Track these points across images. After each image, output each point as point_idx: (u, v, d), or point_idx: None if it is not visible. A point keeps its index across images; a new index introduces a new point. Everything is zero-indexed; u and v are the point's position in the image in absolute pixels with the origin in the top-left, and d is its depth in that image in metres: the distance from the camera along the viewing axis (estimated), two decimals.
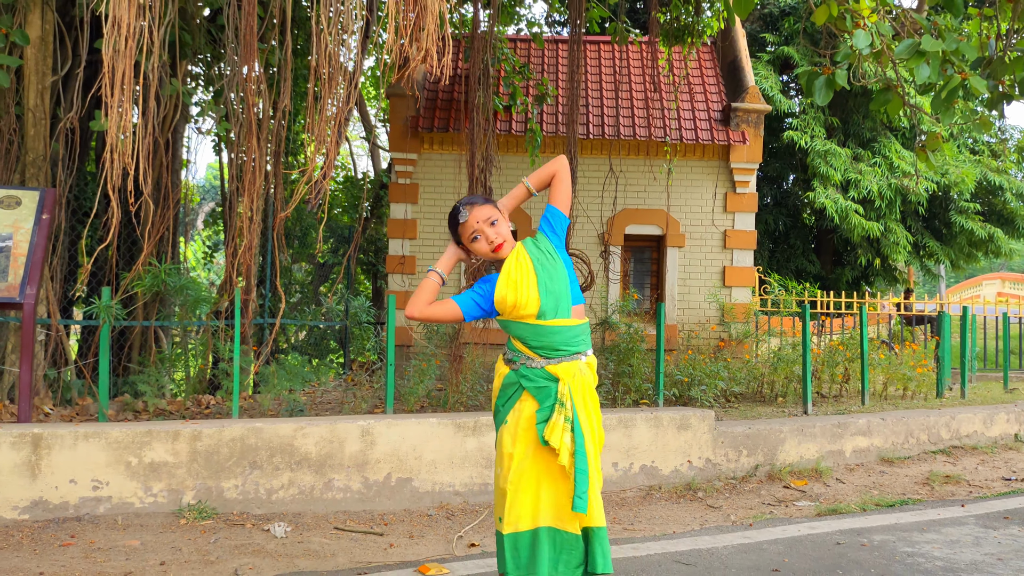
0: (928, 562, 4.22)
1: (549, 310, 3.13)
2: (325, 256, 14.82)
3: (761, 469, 6.41)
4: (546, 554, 3.03)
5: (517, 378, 3.18)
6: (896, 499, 5.72)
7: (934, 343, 10.94)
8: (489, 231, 3.21)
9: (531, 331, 3.15)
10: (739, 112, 12.06)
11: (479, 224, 3.20)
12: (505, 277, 3.18)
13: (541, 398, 3.11)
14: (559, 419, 3.03)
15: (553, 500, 3.07)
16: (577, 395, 3.09)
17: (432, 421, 5.53)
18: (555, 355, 3.13)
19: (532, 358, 3.15)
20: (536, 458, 3.08)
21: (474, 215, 3.21)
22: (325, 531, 4.89)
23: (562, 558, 3.05)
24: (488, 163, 8.42)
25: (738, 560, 4.22)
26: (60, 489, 4.86)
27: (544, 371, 3.13)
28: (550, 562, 3.04)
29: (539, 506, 3.06)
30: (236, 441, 5.14)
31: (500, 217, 3.24)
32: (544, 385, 3.11)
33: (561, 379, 3.09)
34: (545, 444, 3.04)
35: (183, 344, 9.02)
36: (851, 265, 19.87)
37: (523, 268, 3.18)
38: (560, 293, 3.16)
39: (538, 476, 3.08)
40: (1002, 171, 19.13)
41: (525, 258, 3.20)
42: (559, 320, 3.14)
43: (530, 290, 3.14)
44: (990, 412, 7.90)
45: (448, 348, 7.92)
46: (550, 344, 3.13)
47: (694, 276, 12.14)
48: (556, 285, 3.16)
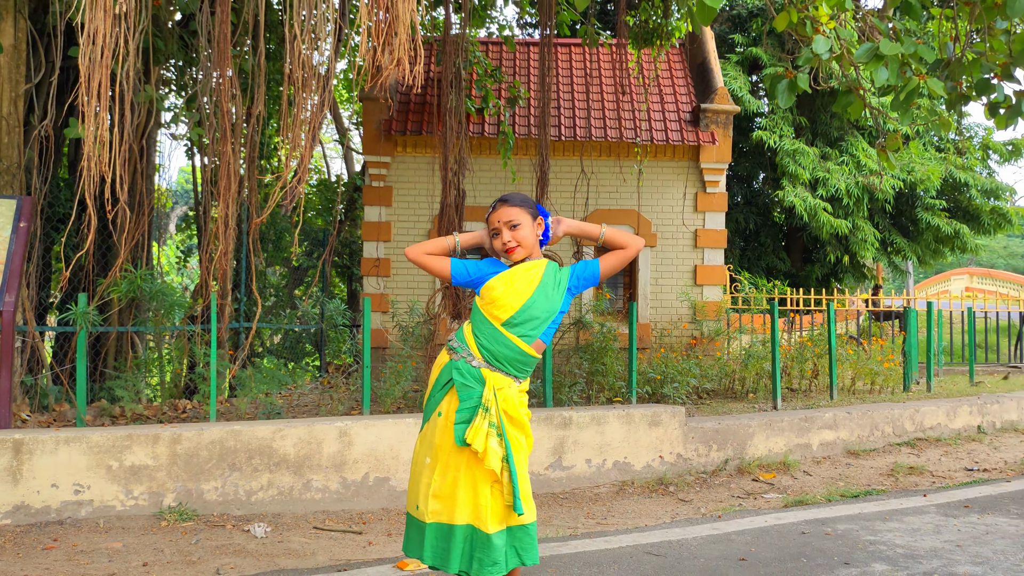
0: (889, 549, 4.38)
1: (517, 324, 3.21)
2: (300, 260, 14.86)
3: (731, 463, 6.56)
4: (460, 550, 3.11)
5: (451, 372, 3.24)
6: (861, 490, 5.90)
7: (901, 338, 11.15)
8: (506, 233, 3.27)
9: (491, 332, 3.22)
10: (708, 113, 12.25)
11: (500, 223, 3.28)
12: (510, 274, 3.27)
13: (462, 396, 3.18)
14: (483, 423, 3.10)
15: (473, 499, 3.13)
16: (501, 407, 3.17)
17: (409, 421, 5.64)
18: (497, 366, 3.21)
19: (474, 356, 3.22)
20: (459, 455, 3.15)
21: (499, 213, 3.29)
22: (304, 531, 4.98)
23: (476, 556, 3.10)
24: (461, 166, 8.53)
25: (707, 550, 4.36)
26: (42, 493, 4.92)
27: (478, 372, 3.20)
28: (464, 557, 3.11)
29: (461, 503, 3.12)
30: (215, 444, 5.22)
31: (525, 223, 3.28)
32: (470, 385, 3.19)
33: (488, 386, 3.17)
34: (463, 445, 3.11)
35: (159, 349, 9.06)
36: (820, 262, 20.13)
37: (529, 281, 3.26)
38: (536, 321, 3.23)
39: (462, 473, 3.14)
40: (967, 168, 19.47)
41: (538, 276, 3.28)
42: (518, 339, 3.21)
43: (518, 299, 3.22)
44: (953, 405, 8.11)
45: (424, 350, 8.02)
46: (497, 352, 3.20)
47: (666, 275, 12.31)
48: (539, 313, 3.23)
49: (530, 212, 3.32)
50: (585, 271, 3.37)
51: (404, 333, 8.01)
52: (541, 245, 3.40)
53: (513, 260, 3.31)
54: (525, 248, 3.29)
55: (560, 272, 3.34)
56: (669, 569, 4.02)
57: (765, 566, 4.07)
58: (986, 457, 7.22)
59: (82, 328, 5.93)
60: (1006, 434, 8.30)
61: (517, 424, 3.22)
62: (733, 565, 4.09)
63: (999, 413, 8.52)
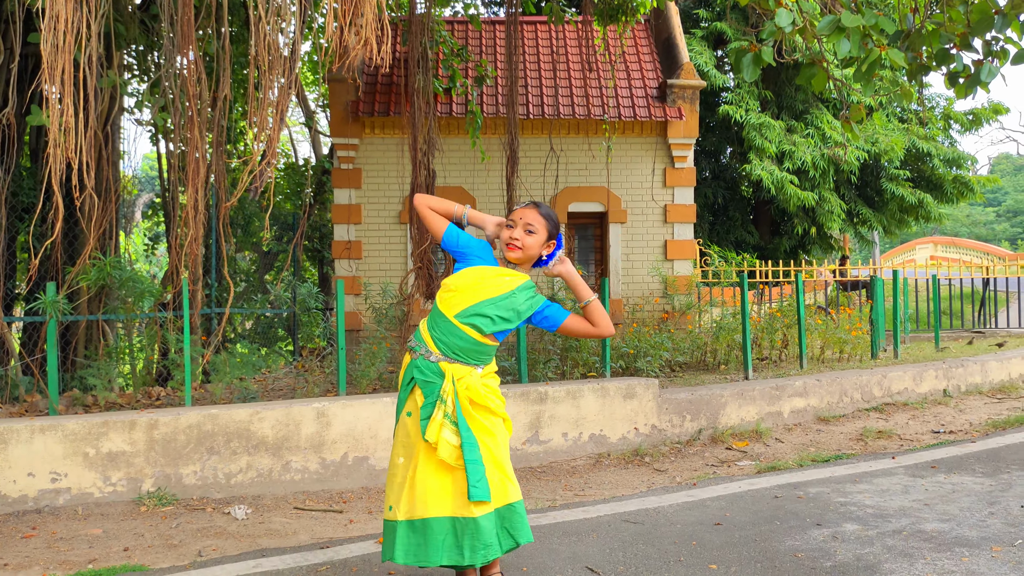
0: (860, 510, 4.49)
1: (469, 316, 3.23)
2: (269, 244, 14.78)
3: (704, 433, 6.67)
4: (442, 542, 3.14)
5: (413, 372, 3.29)
6: (831, 455, 6.02)
7: (868, 307, 11.33)
8: (519, 231, 3.28)
9: (445, 325, 3.26)
10: (675, 88, 12.30)
11: (519, 220, 3.29)
12: (484, 271, 3.28)
13: (426, 392, 3.23)
14: (438, 415, 3.15)
15: (452, 489, 3.16)
16: (462, 395, 3.20)
17: (387, 400, 5.67)
18: (454, 357, 3.24)
19: (431, 351, 3.26)
20: (431, 449, 3.18)
21: (526, 212, 3.31)
22: (285, 511, 5.01)
23: (466, 543, 3.14)
24: (431, 146, 8.52)
25: (683, 516, 4.45)
26: (18, 483, 4.91)
27: (436, 367, 3.24)
28: (450, 548, 3.15)
29: (436, 496, 3.16)
30: (193, 428, 5.23)
31: (540, 235, 3.30)
32: (431, 380, 3.23)
33: (447, 378, 3.21)
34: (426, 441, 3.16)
35: (130, 337, 9.01)
36: (788, 235, 20.34)
37: (500, 285, 3.27)
38: (487, 320, 3.23)
39: (434, 468, 3.17)
40: (929, 138, 19.72)
41: (511, 285, 3.28)
42: (470, 329, 3.23)
43: (474, 297, 3.23)
44: (919, 370, 8.28)
45: (398, 331, 8.04)
46: (452, 345, 3.23)
47: (637, 251, 12.40)
48: (492, 315, 3.23)
49: (550, 230, 3.34)
50: (548, 314, 3.36)
51: (377, 315, 8.02)
52: (535, 265, 3.41)
53: (508, 259, 3.33)
54: (525, 255, 3.31)
55: (532, 298, 3.34)
56: (647, 535, 4.10)
57: (740, 529, 4.16)
58: (952, 419, 7.38)
59: (51, 317, 5.89)
60: (971, 397, 8.49)
61: (483, 409, 3.25)
62: (709, 529, 4.18)
63: (964, 377, 8.70)
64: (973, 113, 20.30)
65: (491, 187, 11.85)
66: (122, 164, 12.00)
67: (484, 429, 3.22)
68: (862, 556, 3.70)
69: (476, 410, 3.23)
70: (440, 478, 3.17)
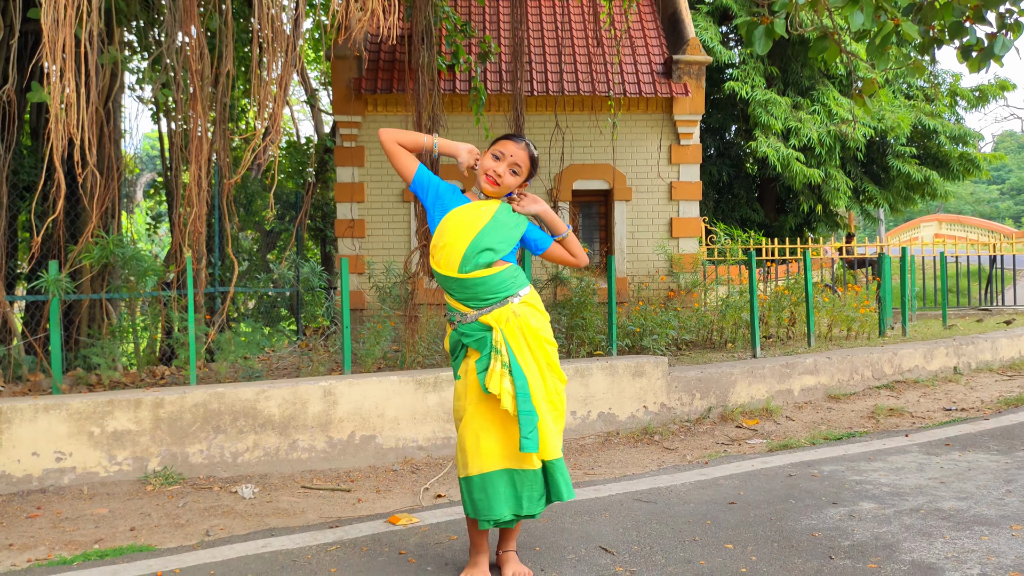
0: (875, 488, 4.43)
1: (471, 260, 3.18)
2: (272, 224, 14.69)
3: (714, 411, 6.61)
4: (502, 494, 3.15)
5: (458, 336, 3.28)
6: (843, 433, 5.97)
7: (875, 285, 11.24)
8: (504, 167, 3.24)
9: (456, 284, 3.22)
10: (681, 64, 12.17)
11: (508, 156, 3.24)
12: (457, 212, 3.24)
13: (479, 348, 3.21)
14: (495, 365, 3.13)
15: (507, 442, 3.16)
16: (512, 338, 3.18)
17: (393, 379, 5.61)
18: (483, 304, 3.20)
19: (464, 312, 3.24)
20: (484, 406, 3.18)
21: (511, 147, 3.25)
22: (293, 490, 4.96)
23: (524, 494, 3.17)
24: (435, 123, 8.42)
25: (696, 495, 4.40)
26: (23, 462, 4.85)
27: (478, 323, 3.22)
28: (510, 500, 3.16)
29: (493, 450, 3.16)
30: (199, 407, 5.17)
31: (521, 173, 3.27)
32: (480, 336, 3.21)
33: (493, 327, 3.19)
34: (488, 392, 3.14)
35: (133, 316, 8.95)
36: (794, 212, 20.23)
37: (478, 217, 3.23)
38: (493, 248, 3.20)
39: (490, 422, 3.17)
40: (936, 115, 19.56)
41: (490, 211, 3.26)
42: (478, 272, 3.19)
43: (463, 240, 3.18)
44: (930, 347, 8.21)
45: (403, 309, 7.97)
46: (475, 295, 3.21)
47: (642, 229, 12.30)
48: (493, 241, 3.21)
49: (531, 172, 3.32)
50: (536, 236, 3.38)
51: (381, 294, 7.95)
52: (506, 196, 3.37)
53: (486, 193, 3.29)
54: (502, 190, 3.29)
55: (516, 215, 3.32)
56: (660, 515, 4.05)
57: (754, 508, 4.11)
58: (963, 397, 7.32)
59: (54, 296, 5.82)
60: (981, 374, 8.42)
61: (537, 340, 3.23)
62: (723, 508, 4.12)
63: (974, 354, 8.64)
64: (980, 89, 20.12)
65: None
66: (123, 143, 11.91)
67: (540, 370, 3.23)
68: (880, 535, 3.64)
69: (531, 343, 3.22)
70: (495, 432, 3.17)
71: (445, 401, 5.71)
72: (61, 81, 5.12)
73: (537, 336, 3.25)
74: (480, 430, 3.18)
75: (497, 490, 3.15)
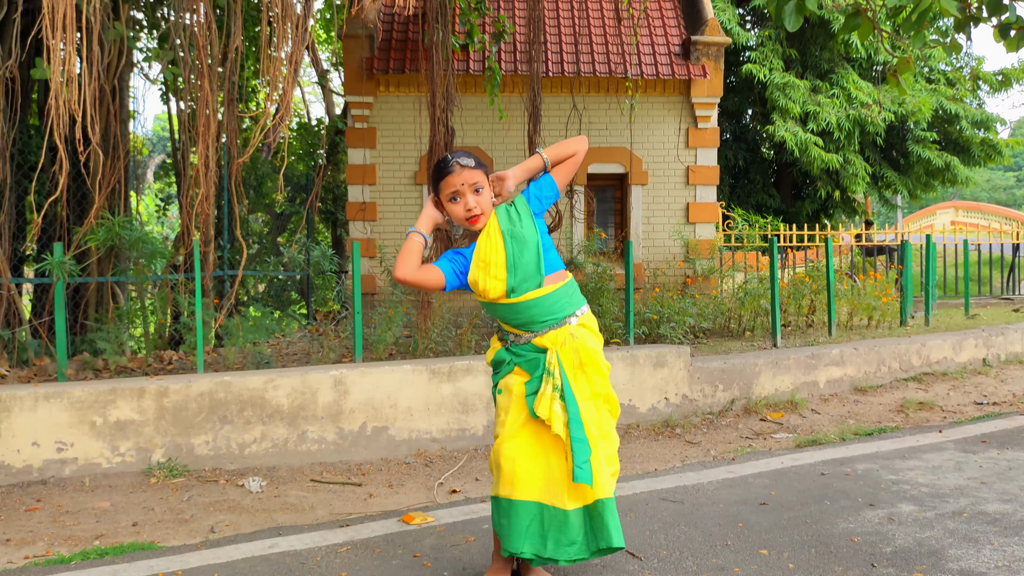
0: (913, 488, 4.21)
1: (518, 288, 2.98)
2: (282, 206, 14.49)
3: (737, 403, 6.40)
4: (526, 528, 2.92)
5: (509, 356, 3.07)
6: (873, 427, 5.74)
7: (895, 273, 10.99)
8: (470, 198, 2.98)
9: (507, 310, 3.03)
10: (699, 45, 11.88)
11: (463, 186, 2.96)
12: (476, 259, 3.01)
13: (530, 369, 3.01)
14: (547, 389, 2.93)
15: (545, 474, 2.94)
16: (568, 362, 2.98)
17: (406, 368, 5.41)
18: (539, 327, 3.01)
19: (519, 335, 3.04)
20: (528, 430, 2.97)
21: (462, 175, 2.96)
22: (302, 484, 4.77)
23: (551, 535, 2.92)
24: (449, 103, 8.18)
25: (724, 495, 4.18)
26: (23, 452, 4.68)
27: (531, 344, 3.02)
28: (534, 537, 2.92)
29: (526, 480, 2.94)
30: (204, 396, 4.98)
31: (486, 187, 3.02)
32: (533, 357, 3.01)
33: (549, 348, 2.99)
34: (536, 417, 2.93)
35: (141, 299, 8.78)
36: (811, 198, 19.91)
37: (493, 246, 3.00)
38: (529, 268, 2.99)
39: (529, 448, 2.96)
40: (957, 100, 19.18)
41: (496, 233, 3.02)
42: (530, 294, 2.99)
43: (498, 271, 2.97)
44: (959, 338, 7.96)
45: (415, 295, 7.77)
46: (529, 319, 3.01)
47: (658, 213, 12.06)
48: (525, 259, 2.99)
49: (486, 172, 3.05)
50: (541, 189, 3.13)
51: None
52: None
53: (474, 227, 3.03)
54: (487, 215, 3.03)
55: (514, 205, 3.09)
56: (688, 516, 3.84)
57: (788, 510, 3.89)
58: (994, 390, 7.08)
59: (59, 278, 5.64)
60: (1011, 366, 8.17)
61: (594, 366, 3.02)
62: (754, 510, 3.91)
63: (1004, 346, 8.39)
64: (1003, 73, 19.71)
65: (508, 147, 11.50)
66: (132, 125, 11.70)
67: (596, 398, 3.03)
68: (923, 540, 3.43)
69: (588, 368, 3.01)
70: (534, 460, 2.94)
71: (460, 391, 5.50)
72: (61, 56, 4.91)
73: (595, 361, 3.03)
74: (518, 454, 2.95)
75: (521, 522, 2.91)
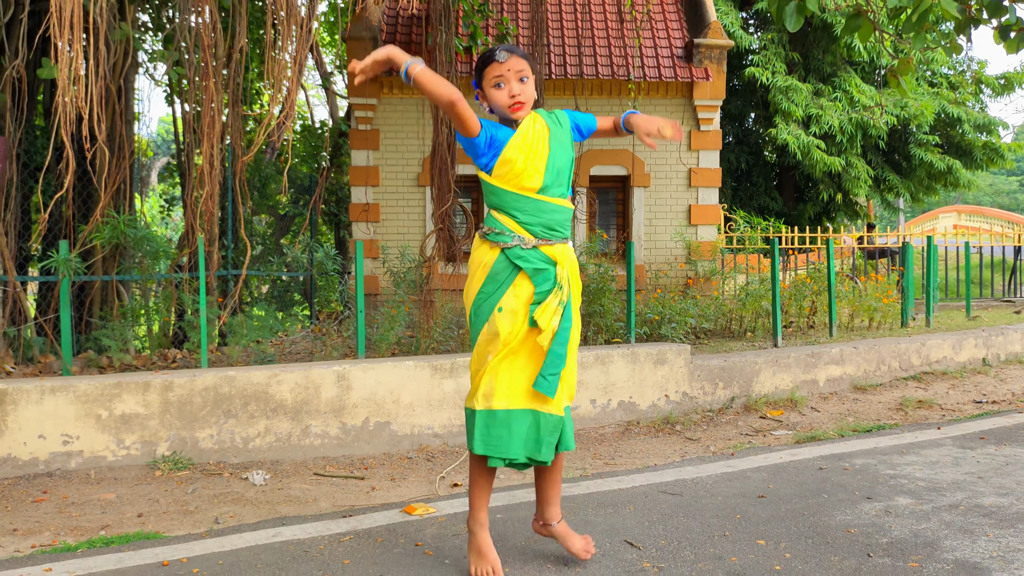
0: (911, 483, 4.25)
1: (552, 185, 3.03)
2: (285, 207, 14.54)
3: (737, 401, 6.44)
4: (523, 435, 3.00)
5: (510, 260, 3.01)
6: (872, 424, 5.78)
7: (896, 275, 11.02)
8: (516, 84, 3.00)
9: (532, 205, 3.02)
10: (702, 48, 11.94)
11: (508, 72, 2.99)
12: (521, 138, 3.01)
13: (538, 281, 3.00)
14: (553, 301, 2.97)
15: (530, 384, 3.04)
16: (574, 279, 3.09)
17: (409, 364, 5.46)
18: (550, 235, 3.03)
19: (525, 238, 3.01)
20: (527, 341, 3.02)
21: (508, 62, 2.98)
22: (305, 477, 4.82)
23: (545, 439, 3.02)
24: None
25: (723, 488, 4.22)
26: (29, 445, 4.73)
27: (539, 251, 3.01)
28: (531, 442, 3.02)
29: (525, 388, 3.01)
30: (209, 390, 5.03)
31: (531, 78, 3.04)
32: (543, 268, 3.01)
33: (559, 262, 3.03)
34: (533, 325, 2.98)
35: (145, 298, 8.84)
36: (813, 201, 19.97)
37: (540, 136, 3.05)
38: (563, 175, 3.07)
39: (527, 359, 3.02)
40: (960, 103, 19.23)
41: (543, 127, 3.07)
42: (559, 199, 3.05)
43: (540, 161, 3.01)
44: (959, 338, 8.00)
45: (417, 294, 7.82)
46: (547, 223, 3.03)
47: (660, 215, 12.11)
48: (560, 163, 3.06)
49: (531, 64, 3.08)
50: (582, 122, 3.22)
51: (396, 278, 7.81)
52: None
53: (517, 118, 3.04)
54: (529, 106, 3.05)
55: (555, 113, 3.16)
56: (687, 508, 3.88)
57: (786, 502, 3.93)
58: (993, 389, 7.12)
59: (64, 276, 5.69)
60: (1011, 366, 8.21)
61: (578, 284, 3.17)
62: (753, 503, 3.95)
63: (1003, 345, 8.42)
64: (1005, 77, 19.76)
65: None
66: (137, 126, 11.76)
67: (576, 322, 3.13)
68: (919, 532, 3.47)
69: (575, 289, 3.12)
70: (529, 372, 3.02)
71: (462, 388, 5.55)
72: (70, 52, 4.97)
73: (578, 282, 3.16)
74: (517, 368, 3.01)
75: (521, 429, 3.00)
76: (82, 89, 5.06)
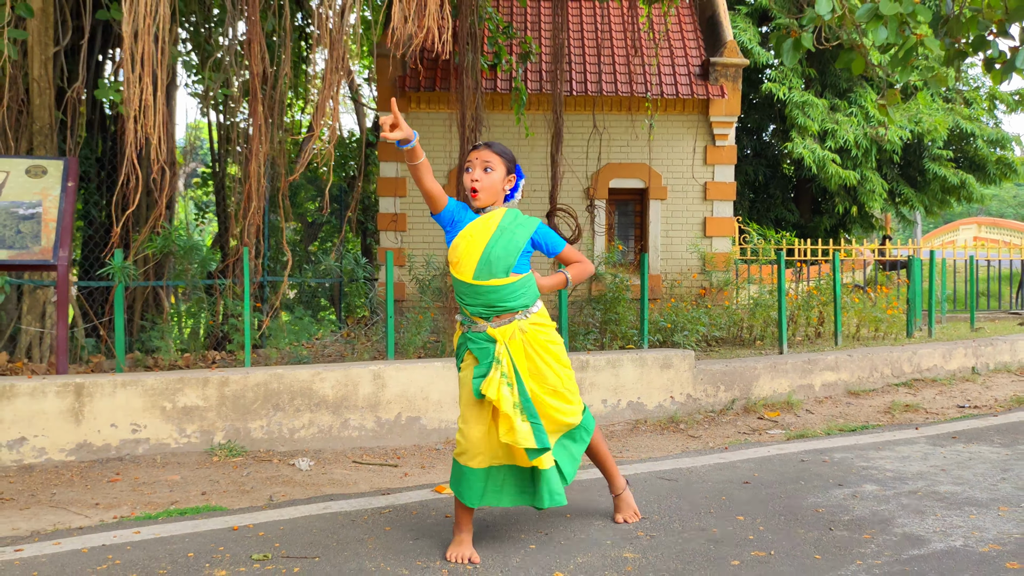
0: (880, 473, 4.80)
1: (483, 274, 3.41)
2: (314, 216, 15.20)
3: (737, 403, 6.98)
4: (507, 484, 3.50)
5: (464, 340, 3.54)
6: (858, 425, 6.31)
7: (906, 287, 11.48)
8: (477, 171, 3.43)
9: (470, 289, 3.44)
10: (718, 67, 12.48)
11: (476, 160, 3.44)
12: (472, 227, 3.45)
13: (480, 357, 3.44)
14: (495, 375, 3.35)
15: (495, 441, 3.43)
16: (517, 352, 3.44)
17: (437, 365, 6.06)
18: (493, 313, 3.43)
19: (475, 321, 3.48)
20: (482, 406, 3.42)
21: (480, 153, 3.43)
22: (345, 464, 5.42)
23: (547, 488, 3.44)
24: (478, 123, 8.84)
25: (714, 476, 4.79)
26: (102, 432, 5.36)
27: (485, 334, 3.45)
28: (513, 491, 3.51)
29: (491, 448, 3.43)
30: (260, 386, 5.65)
31: (498, 171, 3.44)
32: (484, 346, 3.44)
33: (499, 340, 3.42)
34: (480, 397, 3.38)
35: (189, 302, 9.49)
36: (829, 214, 20.41)
37: (487, 228, 3.44)
38: (502, 262, 3.41)
39: (487, 421, 3.42)
40: (973, 119, 19.63)
41: (495, 221, 3.46)
42: (493, 280, 3.41)
43: (476, 250, 3.40)
44: (949, 347, 8.50)
45: (442, 301, 8.40)
46: (488, 303, 3.42)
47: (676, 227, 12.65)
48: (502, 254, 3.41)
49: (507, 164, 3.50)
50: (548, 239, 3.57)
51: (421, 285, 8.36)
52: (506, 200, 3.56)
53: (475, 205, 3.46)
54: (488, 195, 3.44)
55: (524, 218, 3.53)
56: (680, 491, 4.45)
57: (766, 487, 4.49)
58: (978, 395, 7.62)
59: (120, 282, 6.30)
60: (998, 375, 8.69)
61: (542, 351, 3.47)
62: (738, 487, 4.52)
63: (992, 355, 8.90)
64: (1019, 93, 20.15)
65: (533, 163, 12.13)
66: None
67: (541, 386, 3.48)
68: (877, 512, 4.01)
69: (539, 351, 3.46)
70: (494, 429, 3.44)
71: None
72: (140, 86, 5.60)
73: (549, 350, 3.50)
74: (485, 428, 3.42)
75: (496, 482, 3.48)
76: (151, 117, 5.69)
